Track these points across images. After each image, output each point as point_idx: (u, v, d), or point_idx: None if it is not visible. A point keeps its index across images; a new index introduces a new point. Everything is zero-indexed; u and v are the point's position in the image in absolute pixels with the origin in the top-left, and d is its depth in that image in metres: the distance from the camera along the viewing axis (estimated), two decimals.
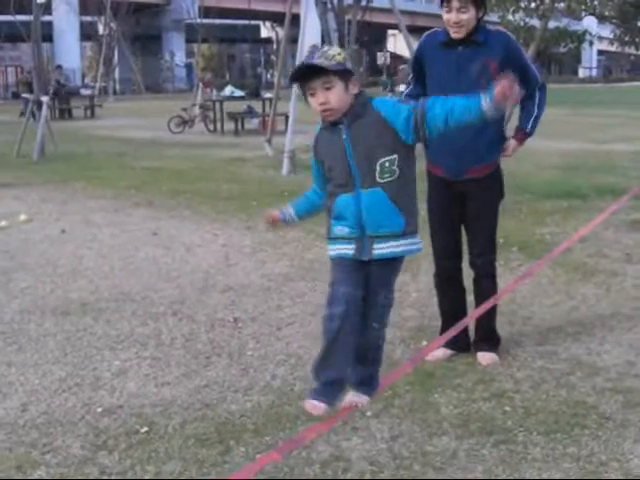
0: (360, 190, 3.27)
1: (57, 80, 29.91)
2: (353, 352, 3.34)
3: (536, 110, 4.90)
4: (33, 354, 5.16)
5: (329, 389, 3.30)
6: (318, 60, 3.25)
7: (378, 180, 3.25)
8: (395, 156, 3.25)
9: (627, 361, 4.88)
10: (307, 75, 3.29)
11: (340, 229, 3.35)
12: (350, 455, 3.76)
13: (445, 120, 3.23)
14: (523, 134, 4.92)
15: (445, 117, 3.23)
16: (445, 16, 4.61)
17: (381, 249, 3.28)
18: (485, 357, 4.92)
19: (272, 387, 4.59)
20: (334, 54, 3.27)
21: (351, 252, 3.32)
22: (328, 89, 3.26)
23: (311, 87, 3.29)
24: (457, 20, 4.58)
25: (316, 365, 3.34)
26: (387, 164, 3.25)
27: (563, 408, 4.21)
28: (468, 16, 4.56)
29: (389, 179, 3.25)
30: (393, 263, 3.36)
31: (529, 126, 4.90)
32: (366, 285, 3.33)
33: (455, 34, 4.64)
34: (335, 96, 3.26)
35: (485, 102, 3.16)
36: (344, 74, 3.28)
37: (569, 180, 12.21)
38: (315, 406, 3.30)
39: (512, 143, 4.90)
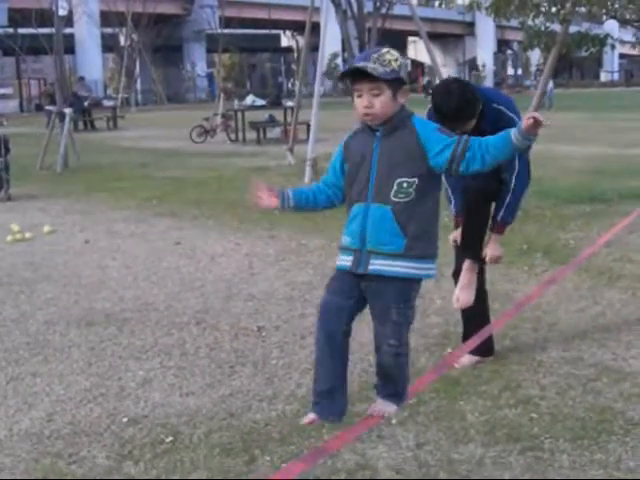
0: (371, 202, 3.23)
1: (74, 93, 29.95)
2: (340, 362, 3.29)
3: (509, 197, 4.63)
4: (58, 365, 5.18)
5: (318, 401, 3.28)
6: (372, 65, 3.14)
7: (392, 198, 3.17)
8: (415, 180, 3.16)
9: None
10: (357, 74, 3.19)
11: (344, 239, 3.31)
12: (376, 463, 3.74)
13: (482, 160, 3.12)
14: (497, 225, 4.71)
15: (482, 157, 3.11)
16: None
17: (376, 265, 3.21)
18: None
19: (297, 396, 4.59)
20: (390, 59, 3.17)
21: (349, 264, 3.27)
22: (375, 95, 3.17)
23: (358, 88, 3.20)
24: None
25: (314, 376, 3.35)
26: (405, 185, 3.16)
27: (590, 414, 4.17)
28: None
29: (402, 200, 3.17)
30: (395, 282, 3.23)
31: (500, 214, 4.65)
32: (371, 302, 3.28)
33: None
34: (380, 103, 3.17)
35: (515, 135, 3.04)
36: (394, 83, 3.18)
37: (592, 185, 12.14)
38: (307, 417, 3.32)
39: (490, 246, 4.73)
